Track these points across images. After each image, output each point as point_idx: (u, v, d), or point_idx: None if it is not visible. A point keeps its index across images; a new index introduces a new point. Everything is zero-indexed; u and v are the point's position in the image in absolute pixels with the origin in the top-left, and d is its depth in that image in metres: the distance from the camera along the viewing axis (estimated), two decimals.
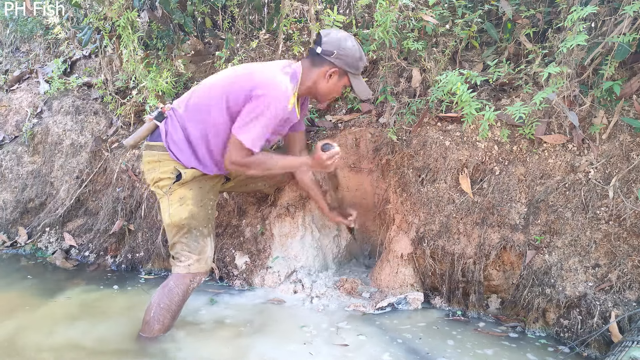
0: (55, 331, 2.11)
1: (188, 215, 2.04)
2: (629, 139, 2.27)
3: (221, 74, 2.12)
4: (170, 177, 2.04)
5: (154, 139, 2.06)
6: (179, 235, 2.05)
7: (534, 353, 1.99)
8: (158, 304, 1.99)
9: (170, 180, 2.03)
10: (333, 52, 2.01)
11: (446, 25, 2.90)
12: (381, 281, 2.58)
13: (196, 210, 2.06)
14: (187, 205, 2.04)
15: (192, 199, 2.06)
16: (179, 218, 2.03)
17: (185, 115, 2.03)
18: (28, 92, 3.93)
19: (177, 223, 2.04)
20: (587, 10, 2.03)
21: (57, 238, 3.36)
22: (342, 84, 2.11)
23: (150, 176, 2.08)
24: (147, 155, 2.08)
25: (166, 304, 1.99)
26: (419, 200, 2.55)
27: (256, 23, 3.83)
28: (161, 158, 2.03)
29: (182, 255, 2.04)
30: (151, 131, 2.08)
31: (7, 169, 3.64)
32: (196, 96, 2.06)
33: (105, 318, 2.28)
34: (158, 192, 2.09)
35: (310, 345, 2.01)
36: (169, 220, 2.05)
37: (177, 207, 2.04)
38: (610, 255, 2.14)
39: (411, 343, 2.06)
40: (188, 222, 2.04)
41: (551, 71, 2.12)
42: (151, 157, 2.06)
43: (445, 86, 2.38)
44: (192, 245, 2.05)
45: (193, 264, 2.04)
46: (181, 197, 2.04)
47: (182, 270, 2.03)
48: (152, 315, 1.98)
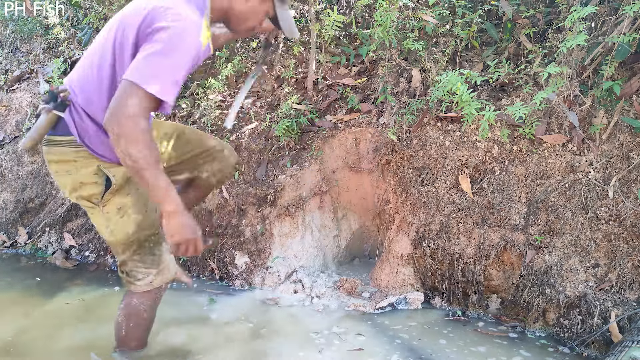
0: (55, 331, 2.11)
1: (135, 229, 1.64)
2: (629, 139, 2.27)
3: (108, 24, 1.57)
4: (96, 182, 1.57)
5: (59, 133, 1.54)
6: (128, 253, 1.67)
7: (532, 352, 1.99)
8: (127, 324, 1.74)
9: (97, 187, 1.57)
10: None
11: (446, 25, 2.90)
12: (381, 281, 2.58)
13: (141, 218, 1.64)
14: (129, 215, 1.62)
15: (133, 206, 1.63)
16: (124, 234, 1.63)
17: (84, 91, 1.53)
18: (28, 92, 3.93)
19: (125, 240, 1.64)
20: (587, 10, 2.03)
21: (57, 238, 3.36)
22: (264, 10, 1.64)
23: (64, 181, 1.58)
24: (52, 153, 1.56)
25: (136, 322, 1.75)
26: (419, 200, 2.55)
27: None
28: (76, 156, 1.54)
29: (139, 273, 1.69)
30: (53, 124, 1.53)
31: (7, 169, 3.64)
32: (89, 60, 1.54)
33: (106, 318, 2.27)
34: (84, 204, 1.62)
35: (310, 345, 2.01)
36: (111, 238, 1.64)
37: (117, 220, 1.61)
38: (610, 255, 2.14)
39: (411, 343, 2.06)
40: (137, 236, 1.65)
41: (551, 71, 2.12)
42: (60, 156, 1.55)
43: (445, 86, 2.38)
44: (148, 259, 1.69)
45: (155, 279, 1.71)
46: (120, 208, 1.61)
47: (143, 289, 1.71)
48: (124, 334, 1.75)
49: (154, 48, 1.36)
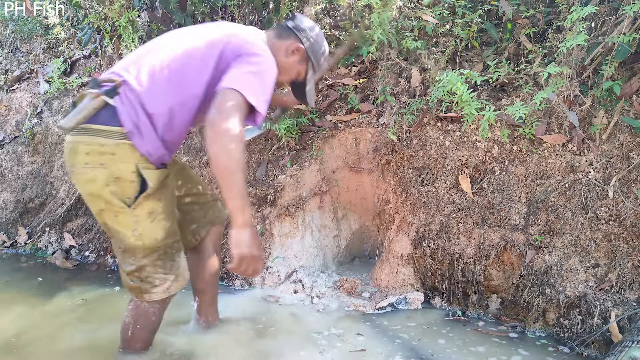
0: (57, 332, 2.11)
1: (164, 235, 1.62)
2: (629, 139, 2.27)
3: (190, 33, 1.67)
4: (133, 181, 1.52)
5: (101, 122, 1.48)
6: (150, 259, 1.62)
7: (532, 352, 1.99)
8: (134, 326, 1.72)
9: (133, 186, 1.52)
10: (304, 30, 1.80)
11: (446, 25, 2.90)
12: (381, 281, 2.58)
13: (169, 225, 1.64)
14: (160, 221, 1.59)
15: (164, 212, 1.61)
16: (153, 240, 1.59)
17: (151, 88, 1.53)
18: (28, 92, 3.93)
19: (152, 246, 1.60)
20: (587, 10, 2.03)
21: (57, 238, 3.37)
22: (298, 71, 1.82)
23: (95, 174, 1.49)
24: (87, 143, 1.49)
25: (143, 324, 1.74)
26: (419, 200, 2.55)
27: (256, 23, 3.83)
28: (116, 150, 1.48)
29: (157, 279, 1.65)
30: (98, 110, 1.50)
31: (7, 169, 3.64)
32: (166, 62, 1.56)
33: (107, 319, 2.28)
34: (111, 201, 1.52)
35: (311, 345, 2.01)
36: (137, 242, 1.57)
37: (147, 225, 1.57)
38: (610, 255, 2.14)
39: (411, 343, 2.06)
40: (164, 243, 1.63)
41: (551, 71, 2.12)
42: (98, 147, 1.48)
43: (445, 86, 2.38)
44: (168, 264, 1.66)
45: (172, 285, 1.68)
46: (150, 212, 1.57)
47: (159, 296, 1.67)
48: (130, 335, 1.74)
49: (249, 69, 1.51)
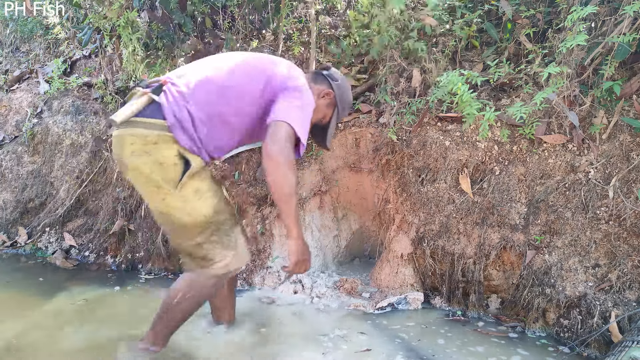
0: (57, 332, 2.11)
1: (212, 211, 1.72)
2: (629, 139, 2.27)
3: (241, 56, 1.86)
4: (176, 164, 1.65)
5: (147, 115, 1.65)
6: (205, 235, 1.72)
7: (532, 352, 1.99)
8: (184, 294, 1.75)
9: (177, 168, 1.65)
10: (337, 80, 2.01)
11: (446, 25, 2.90)
12: (381, 281, 2.58)
13: (216, 202, 1.75)
14: (206, 199, 1.72)
15: (209, 190, 1.74)
16: (203, 215, 1.70)
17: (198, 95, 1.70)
18: (28, 92, 3.93)
19: (203, 221, 1.71)
20: (587, 10, 2.03)
21: (57, 238, 3.37)
22: (325, 113, 2.01)
23: (141, 161, 1.63)
24: (135, 134, 1.64)
25: (194, 296, 1.77)
26: (419, 200, 2.55)
27: (256, 23, 3.83)
28: (159, 139, 1.63)
29: (216, 255, 1.74)
30: (144, 106, 1.68)
31: (7, 169, 3.64)
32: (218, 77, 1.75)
33: (108, 319, 2.28)
34: (158, 185, 1.65)
35: (312, 346, 2.01)
36: (189, 219, 1.69)
37: (195, 202, 1.69)
38: (610, 255, 2.14)
39: (411, 343, 2.06)
40: (215, 218, 1.73)
41: (551, 71, 2.12)
42: (144, 137, 1.63)
43: (445, 86, 2.38)
44: (225, 240, 1.76)
45: (232, 261, 1.76)
46: (196, 190, 1.69)
47: (218, 272, 1.75)
48: (175, 302, 1.75)
49: (296, 103, 1.70)
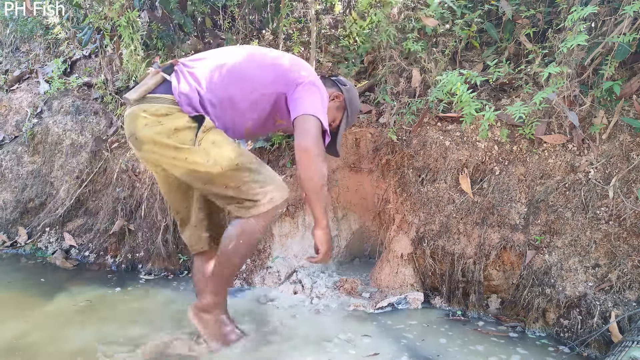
0: (59, 332, 2.11)
1: (235, 154, 1.76)
2: (629, 139, 2.27)
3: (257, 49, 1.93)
4: (190, 126, 1.73)
5: (159, 92, 1.77)
6: (238, 178, 1.76)
7: (532, 352, 1.99)
8: (238, 239, 1.79)
9: (192, 130, 1.73)
10: (346, 85, 2.06)
11: (446, 25, 2.90)
12: (381, 281, 2.58)
13: (234, 147, 1.79)
14: (226, 145, 1.76)
15: (225, 140, 1.78)
16: (228, 160, 1.74)
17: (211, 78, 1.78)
18: (28, 92, 3.93)
19: (230, 165, 1.74)
20: (587, 10, 2.03)
21: (57, 238, 3.37)
22: (335, 116, 2.04)
23: (155, 130, 1.71)
24: (147, 107, 1.74)
25: (247, 239, 1.81)
26: (419, 200, 2.55)
27: (256, 23, 3.83)
28: (169, 111, 1.73)
29: (257, 194, 1.77)
30: (157, 85, 1.78)
31: (7, 169, 3.64)
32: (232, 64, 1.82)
33: (109, 319, 2.28)
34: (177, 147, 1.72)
35: (313, 346, 2.01)
36: (217, 168, 1.73)
37: (216, 151, 1.74)
38: (610, 255, 2.14)
39: (415, 343, 2.06)
40: (240, 160, 1.77)
41: (551, 71, 2.12)
42: (155, 110, 1.72)
43: (445, 86, 2.38)
44: (259, 178, 1.79)
45: (275, 195, 1.80)
46: (213, 142, 1.75)
47: (266, 207, 1.78)
48: (231, 248, 1.80)
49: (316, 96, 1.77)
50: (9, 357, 1.87)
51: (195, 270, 2.08)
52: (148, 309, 2.42)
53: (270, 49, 1.96)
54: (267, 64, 1.84)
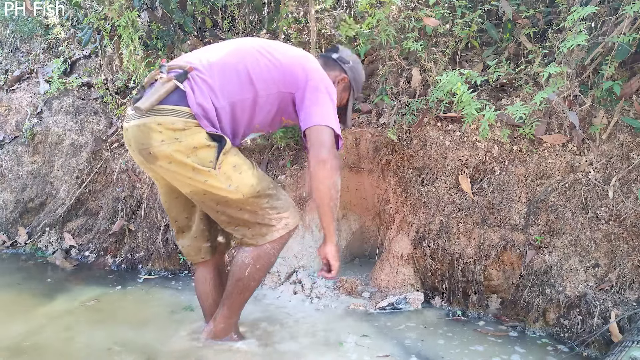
0: (62, 333, 2.10)
1: (256, 180, 1.74)
2: (629, 139, 2.27)
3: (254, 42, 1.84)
4: (208, 144, 1.64)
5: (173, 102, 1.63)
6: (257, 205, 1.75)
7: (532, 352, 1.99)
8: (254, 265, 1.80)
9: (211, 149, 1.64)
10: (349, 62, 1.98)
11: (446, 25, 2.90)
12: (381, 281, 2.58)
13: (254, 171, 1.77)
14: (245, 171, 1.73)
15: (245, 164, 1.75)
16: (250, 187, 1.71)
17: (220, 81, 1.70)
18: (28, 92, 3.93)
19: (252, 192, 1.72)
20: (587, 10, 2.03)
21: (57, 238, 3.37)
22: (342, 97, 2.00)
23: (173, 148, 1.61)
24: (162, 121, 1.61)
25: (262, 265, 1.82)
26: (419, 200, 2.55)
27: (256, 23, 3.83)
28: (185, 126, 1.61)
29: (273, 219, 1.78)
30: (169, 93, 1.65)
31: (7, 169, 3.64)
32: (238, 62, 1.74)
33: (110, 319, 2.28)
34: (197, 168, 1.64)
35: (313, 347, 2.01)
36: (238, 195, 1.70)
37: (237, 177, 1.70)
38: (610, 255, 2.14)
39: (412, 343, 2.06)
40: (261, 187, 1.75)
41: (551, 71, 2.12)
42: (171, 124, 1.60)
43: (445, 86, 2.38)
44: (278, 204, 1.80)
45: (290, 221, 1.83)
46: (234, 166, 1.70)
47: (280, 233, 1.81)
48: (247, 274, 1.80)
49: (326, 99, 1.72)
50: (16, 359, 1.86)
51: (199, 282, 2.02)
52: (148, 309, 2.42)
53: (276, 42, 1.89)
54: (273, 61, 1.77)
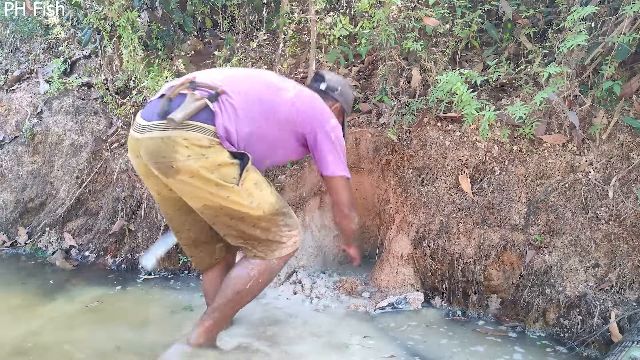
0: (59, 333, 2.10)
1: (275, 199, 1.81)
2: (629, 139, 2.27)
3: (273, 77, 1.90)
4: (231, 162, 1.68)
5: (201, 120, 1.66)
6: (274, 222, 1.80)
7: (532, 352, 1.99)
8: (257, 279, 1.81)
9: (235, 166, 1.69)
10: (337, 89, 2.02)
11: (446, 25, 2.90)
12: (381, 281, 2.58)
13: (272, 189, 1.84)
14: (265, 188, 1.78)
15: (264, 182, 1.80)
16: (270, 205, 1.77)
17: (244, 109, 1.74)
18: (28, 92, 3.93)
19: (272, 210, 1.78)
20: (587, 10, 2.03)
21: (57, 238, 3.36)
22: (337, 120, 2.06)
23: (199, 164, 1.64)
24: (189, 136, 1.64)
25: (266, 279, 1.85)
26: (419, 200, 2.55)
27: (256, 23, 3.83)
28: (210, 143, 1.66)
29: (284, 237, 1.83)
30: (199, 110, 1.67)
31: (7, 169, 3.64)
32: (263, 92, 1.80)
33: (111, 319, 2.28)
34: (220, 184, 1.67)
35: (314, 348, 2.01)
36: (259, 212, 1.74)
37: (258, 194, 1.75)
38: (610, 255, 2.14)
39: (413, 343, 2.06)
40: (279, 205, 1.82)
41: (551, 71, 2.12)
42: (197, 141, 1.64)
43: (445, 86, 2.38)
44: (290, 222, 1.86)
45: (298, 239, 1.89)
46: (256, 183, 1.75)
47: (289, 250, 1.86)
48: (247, 287, 1.81)
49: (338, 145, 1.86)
50: (8, 358, 1.87)
51: (210, 284, 2.05)
52: (148, 309, 2.42)
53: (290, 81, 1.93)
54: (288, 99, 1.81)
